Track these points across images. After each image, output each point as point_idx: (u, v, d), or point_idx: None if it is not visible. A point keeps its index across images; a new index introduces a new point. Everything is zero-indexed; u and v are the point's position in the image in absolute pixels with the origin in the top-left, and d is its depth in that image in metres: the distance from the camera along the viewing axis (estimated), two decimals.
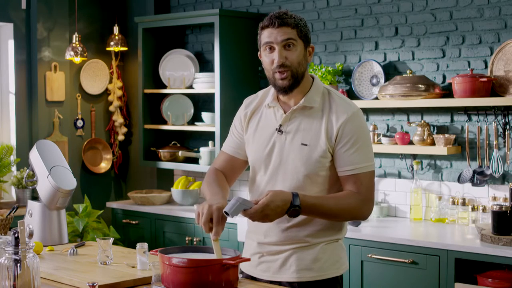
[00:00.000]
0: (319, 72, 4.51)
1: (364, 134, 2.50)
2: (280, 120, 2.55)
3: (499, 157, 4.02)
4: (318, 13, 4.79)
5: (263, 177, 2.57)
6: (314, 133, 2.49)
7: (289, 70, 2.46)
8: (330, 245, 2.56)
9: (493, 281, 3.45)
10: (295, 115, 2.53)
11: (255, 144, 2.60)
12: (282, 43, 2.45)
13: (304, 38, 2.49)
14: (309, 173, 2.48)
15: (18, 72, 5.31)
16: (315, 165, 2.48)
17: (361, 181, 2.47)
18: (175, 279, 2.26)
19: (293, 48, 2.46)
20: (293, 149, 2.50)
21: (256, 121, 2.62)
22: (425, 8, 4.32)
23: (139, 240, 4.92)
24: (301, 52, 2.48)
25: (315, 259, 2.53)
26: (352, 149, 2.46)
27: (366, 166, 2.48)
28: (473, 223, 4.04)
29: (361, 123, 2.50)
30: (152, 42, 5.43)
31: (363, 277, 3.90)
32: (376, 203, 4.46)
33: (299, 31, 2.47)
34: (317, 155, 2.47)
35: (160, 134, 5.51)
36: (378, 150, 4.38)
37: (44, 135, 5.35)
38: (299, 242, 2.53)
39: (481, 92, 3.95)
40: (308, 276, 2.52)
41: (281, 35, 2.45)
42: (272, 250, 2.57)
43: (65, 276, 2.60)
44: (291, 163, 2.50)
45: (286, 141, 2.52)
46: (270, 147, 2.55)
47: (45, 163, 3.23)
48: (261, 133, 2.58)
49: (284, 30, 2.44)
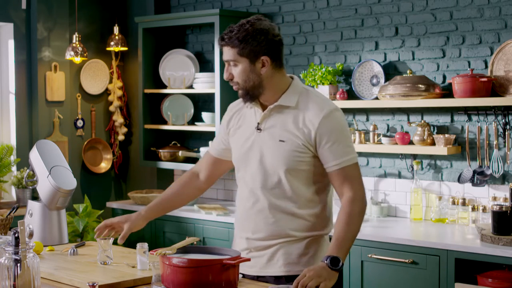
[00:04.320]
0: (319, 72, 4.51)
1: (343, 129, 2.59)
2: (259, 118, 2.64)
3: (499, 157, 4.02)
4: (318, 13, 4.79)
5: (245, 174, 2.67)
6: (291, 130, 2.57)
7: (237, 84, 2.60)
8: (316, 241, 2.64)
9: (493, 281, 3.45)
10: (272, 113, 2.62)
11: (236, 143, 2.71)
12: (226, 62, 2.60)
13: (248, 55, 2.55)
14: (289, 168, 2.57)
15: (18, 72, 5.31)
16: (293, 159, 2.56)
17: (348, 174, 2.56)
18: (175, 279, 2.26)
19: (235, 66, 2.58)
20: (271, 146, 2.59)
21: (238, 122, 2.74)
22: (425, 8, 4.32)
23: (139, 240, 4.90)
24: (246, 69, 2.57)
25: (301, 254, 2.61)
26: (334, 145, 2.55)
27: (350, 159, 2.57)
28: (473, 223, 4.04)
29: (338, 119, 2.59)
30: (152, 42, 5.43)
31: (363, 277, 3.90)
32: (376, 203, 4.46)
33: (240, 49, 2.55)
34: (295, 150, 2.56)
35: (160, 134, 5.51)
36: (378, 150, 4.38)
37: (44, 135, 5.35)
38: (286, 236, 2.60)
39: (481, 92, 3.95)
40: (295, 270, 2.60)
41: (224, 56, 2.59)
42: (259, 246, 2.63)
43: (65, 276, 2.60)
44: (270, 159, 2.59)
45: (265, 138, 2.62)
46: (249, 145, 2.65)
47: (45, 163, 3.23)
48: (242, 132, 2.69)
49: (226, 50, 2.57)
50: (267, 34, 2.55)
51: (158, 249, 2.37)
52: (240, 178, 2.71)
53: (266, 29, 2.55)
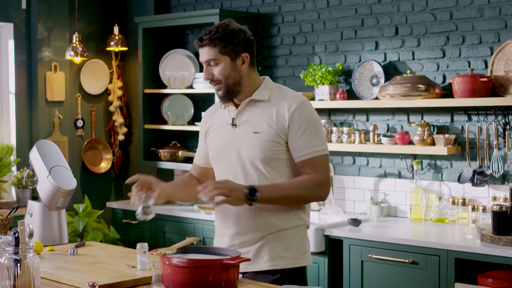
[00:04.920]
0: (319, 72, 4.51)
1: (315, 121, 2.66)
2: (233, 114, 2.72)
3: (499, 157, 4.02)
4: (318, 13, 4.79)
5: (225, 170, 2.71)
6: (265, 121, 2.65)
7: (219, 83, 2.67)
8: (298, 235, 2.69)
9: (493, 281, 3.45)
10: (246, 108, 2.70)
11: (212, 143, 2.77)
12: (206, 63, 2.67)
13: (229, 53, 2.65)
14: (265, 157, 2.63)
15: (18, 72, 5.31)
16: (269, 148, 2.62)
17: (316, 164, 2.62)
18: (175, 279, 2.26)
19: (216, 65, 2.65)
20: (246, 138, 2.66)
21: (213, 125, 2.81)
22: (425, 8, 4.32)
23: (139, 240, 4.91)
24: (227, 66, 2.65)
25: (286, 248, 2.66)
26: (304, 135, 2.62)
27: (320, 150, 2.64)
28: (473, 223, 4.04)
29: (310, 110, 2.67)
30: (152, 42, 5.43)
31: (363, 277, 3.90)
32: (376, 203, 4.46)
33: (221, 48, 2.63)
34: (270, 140, 2.63)
35: (160, 134, 5.51)
36: (378, 150, 4.38)
37: (44, 135, 5.35)
38: (269, 228, 2.64)
39: (481, 92, 3.95)
40: (282, 264, 2.65)
41: (203, 56, 2.67)
42: (244, 241, 2.67)
43: (65, 276, 2.60)
44: (246, 150, 2.65)
45: (240, 132, 2.69)
46: (225, 140, 2.72)
47: (45, 163, 3.23)
48: (218, 131, 2.77)
49: (205, 50, 2.67)
50: (245, 33, 2.68)
51: (158, 249, 2.37)
52: (218, 176, 2.75)
53: (242, 29, 2.69)
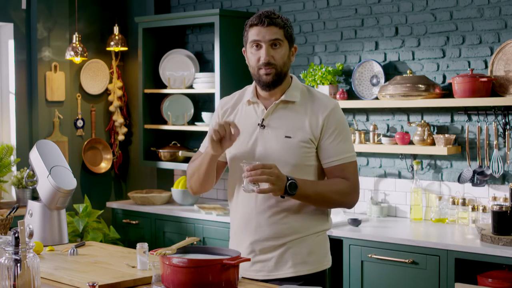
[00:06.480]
0: (319, 72, 4.50)
1: (346, 126, 2.61)
2: (262, 115, 2.60)
3: (499, 157, 4.02)
4: (318, 13, 4.79)
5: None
6: (297, 125, 2.55)
7: (274, 68, 2.53)
8: (320, 238, 2.62)
9: (493, 281, 3.45)
10: (277, 110, 2.59)
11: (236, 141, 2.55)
12: (270, 42, 2.54)
13: (289, 39, 2.58)
14: (296, 163, 2.53)
15: (18, 72, 5.31)
16: (301, 155, 2.54)
17: (346, 170, 2.56)
18: (175, 279, 2.26)
19: (279, 47, 2.55)
20: (277, 142, 2.55)
21: (234, 119, 2.65)
22: (425, 8, 4.32)
23: (139, 240, 4.91)
24: (286, 52, 2.57)
25: (310, 252, 2.58)
26: (337, 140, 2.55)
27: (351, 156, 2.58)
28: (473, 223, 4.04)
29: (342, 115, 2.61)
30: (152, 42, 5.43)
31: (363, 277, 3.90)
32: (376, 203, 4.46)
33: (286, 32, 2.56)
34: (302, 145, 2.53)
35: (160, 134, 5.51)
36: (378, 150, 4.38)
37: (44, 135, 5.35)
38: (292, 234, 2.56)
39: (481, 92, 3.95)
40: (304, 269, 2.57)
41: (269, 35, 2.53)
42: (265, 247, 2.58)
43: (65, 276, 2.60)
44: (277, 155, 2.53)
45: (270, 134, 2.57)
46: (253, 142, 2.59)
47: (45, 163, 3.23)
48: (242, 129, 2.55)
49: (272, 29, 2.53)
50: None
51: (158, 249, 2.36)
52: (237, 178, 2.61)
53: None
